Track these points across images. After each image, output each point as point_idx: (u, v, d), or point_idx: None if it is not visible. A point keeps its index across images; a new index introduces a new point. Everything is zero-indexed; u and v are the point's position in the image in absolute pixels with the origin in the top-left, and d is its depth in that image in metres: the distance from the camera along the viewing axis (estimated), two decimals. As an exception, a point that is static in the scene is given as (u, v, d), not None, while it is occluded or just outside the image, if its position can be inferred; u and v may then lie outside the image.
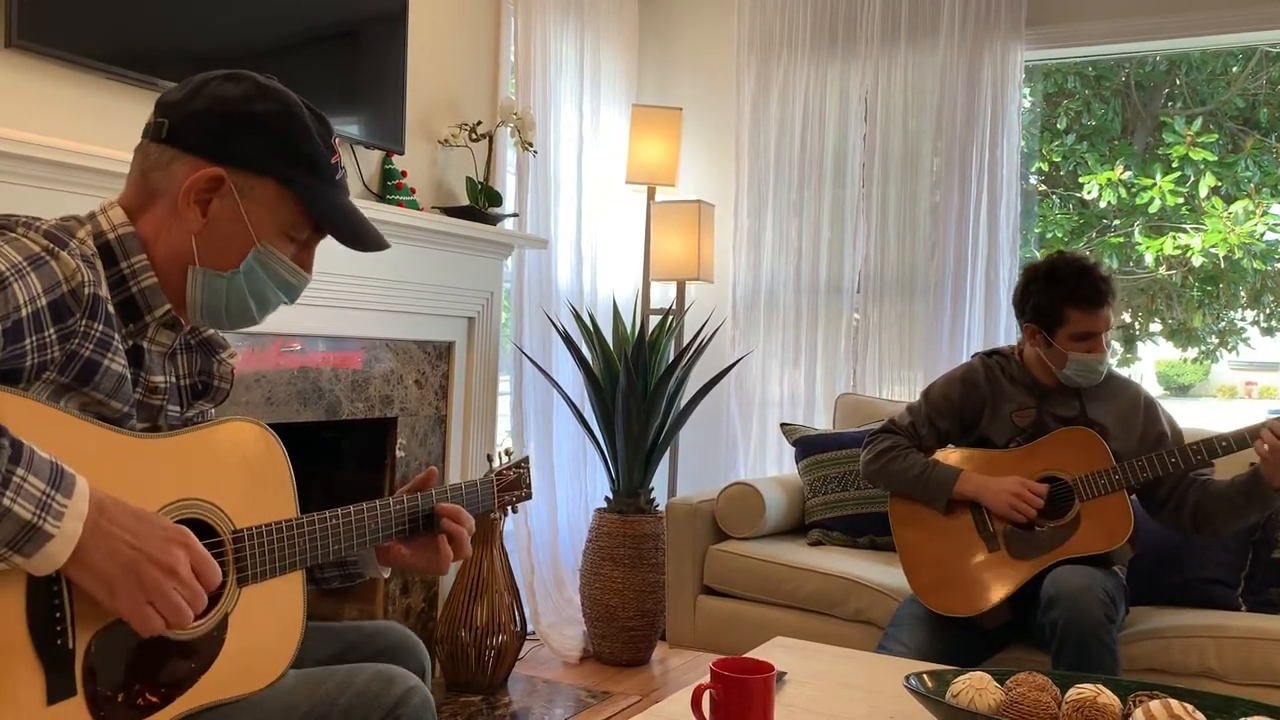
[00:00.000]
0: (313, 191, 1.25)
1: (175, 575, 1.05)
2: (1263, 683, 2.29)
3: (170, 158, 1.20)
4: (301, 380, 2.67)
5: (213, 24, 2.42)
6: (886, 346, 3.79)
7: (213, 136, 1.20)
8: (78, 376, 1.11)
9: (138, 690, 1.11)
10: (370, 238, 1.30)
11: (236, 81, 1.22)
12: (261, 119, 1.21)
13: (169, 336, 1.26)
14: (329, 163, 1.26)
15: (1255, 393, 10.99)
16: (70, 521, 0.98)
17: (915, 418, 2.53)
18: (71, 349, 1.10)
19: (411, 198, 3.05)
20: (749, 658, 1.47)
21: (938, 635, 2.31)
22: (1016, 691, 1.42)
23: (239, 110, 1.21)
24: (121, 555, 1.02)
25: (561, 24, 3.72)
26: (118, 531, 1.02)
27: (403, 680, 1.31)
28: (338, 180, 1.28)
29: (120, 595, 1.02)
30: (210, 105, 1.20)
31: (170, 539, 1.06)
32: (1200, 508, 2.33)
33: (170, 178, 1.20)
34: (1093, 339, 2.34)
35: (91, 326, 1.11)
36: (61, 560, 0.98)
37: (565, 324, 3.66)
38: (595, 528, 3.52)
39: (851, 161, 3.84)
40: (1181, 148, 6.42)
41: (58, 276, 1.08)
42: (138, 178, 1.23)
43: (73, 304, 1.09)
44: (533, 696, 3.10)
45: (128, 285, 1.19)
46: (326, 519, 1.30)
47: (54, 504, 0.96)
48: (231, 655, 1.20)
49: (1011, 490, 2.32)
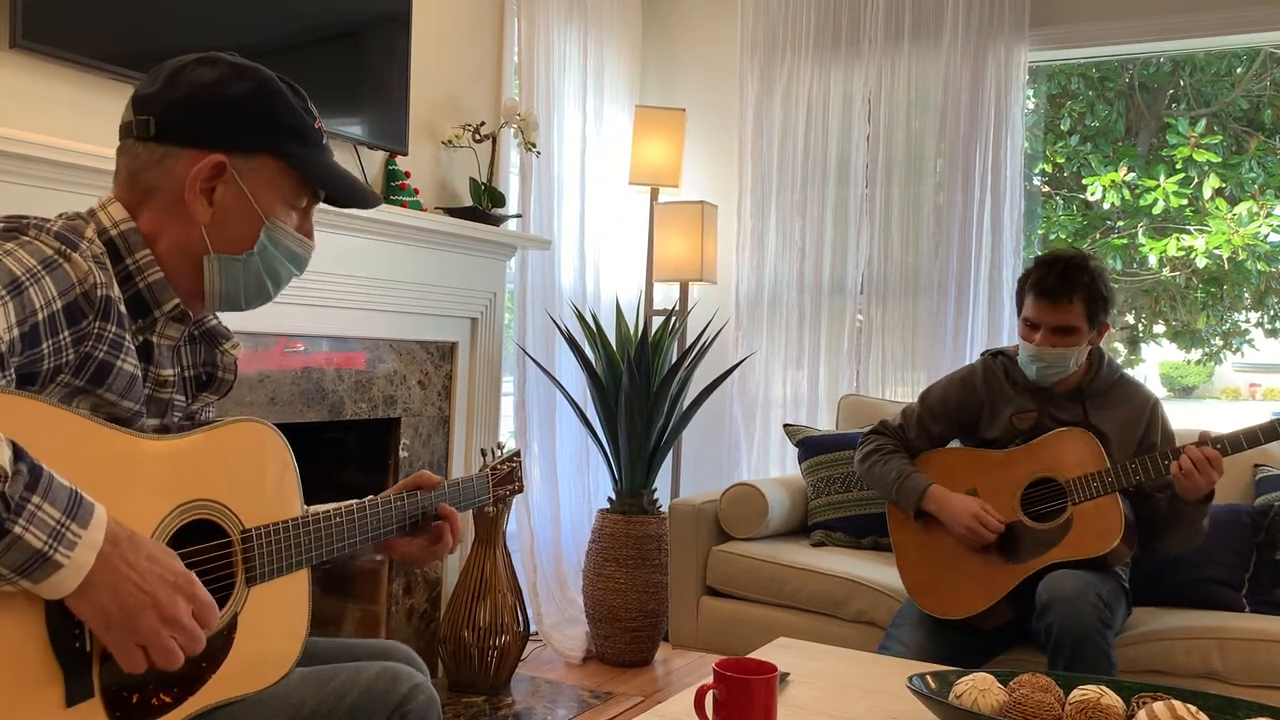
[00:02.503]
0: (306, 159, 1.26)
1: (175, 624, 1.04)
2: (1266, 684, 2.28)
3: (162, 154, 1.20)
4: (305, 380, 2.67)
5: (217, 24, 2.42)
6: (890, 347, 3.78)
7: (202, 126, 1.20)
8: (92, 378, 1.11)
9: (151, 691, 1.11)
10: (365, 195, 1.33)
11: (209, 65, 1.22)
12: (244, 99, 1.21)
13: (177, 330, 1.26)
14: (314, 129, 1.27)
15: (1259, 394, 10.98)
16: (83, 552, 0.97)
17: (906, 420, 2.53)
18: (86, 351, 1.10)
19: (415, 198, 3.05)
20: (751, 658, 1.47)
21: (939, 636, 2.31)
22: (1019, 693, 1.42)
23: (220, 95, 1.20)
24: (125, 596, 1.01)
25: (565, 25, 3.72)
26: (125, 570, 1.01)
27: (408, 678, 1.32)
28: (325, 145, 1.30)
29: (114, 634, 1.02)
30: (190, 94, 1.20)
31: (177, 586, 1.05)
32: (1147, 522, 2.34)
33: (166, 174, 1.20)
34: (1035, 330, 2.30)
35: (105, 328, 1.12)
36: (70, 588, 0.98)
37: (568, 325, 3.66)
38: (598, 528, 3.52)
39: (855, 162, 3.84)
40: (1185, 149, 6.41)
41: (71, 280, 1.08)
42: (127, 178, 1.22)
43: (86, 307, 1.09)
44: (535, 697, 3.10)
45: (134, 281, 1.20)
46: (332, 517, 1.31)
47: (68, 534, 0.96)
48: (240, 655, 1.20)
49: (969, 515, 2.30)
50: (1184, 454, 2.20)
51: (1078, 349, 2.31)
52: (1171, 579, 2.62)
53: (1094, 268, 2.29)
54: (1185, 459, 2.18)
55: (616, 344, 3.59)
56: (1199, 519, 2.28)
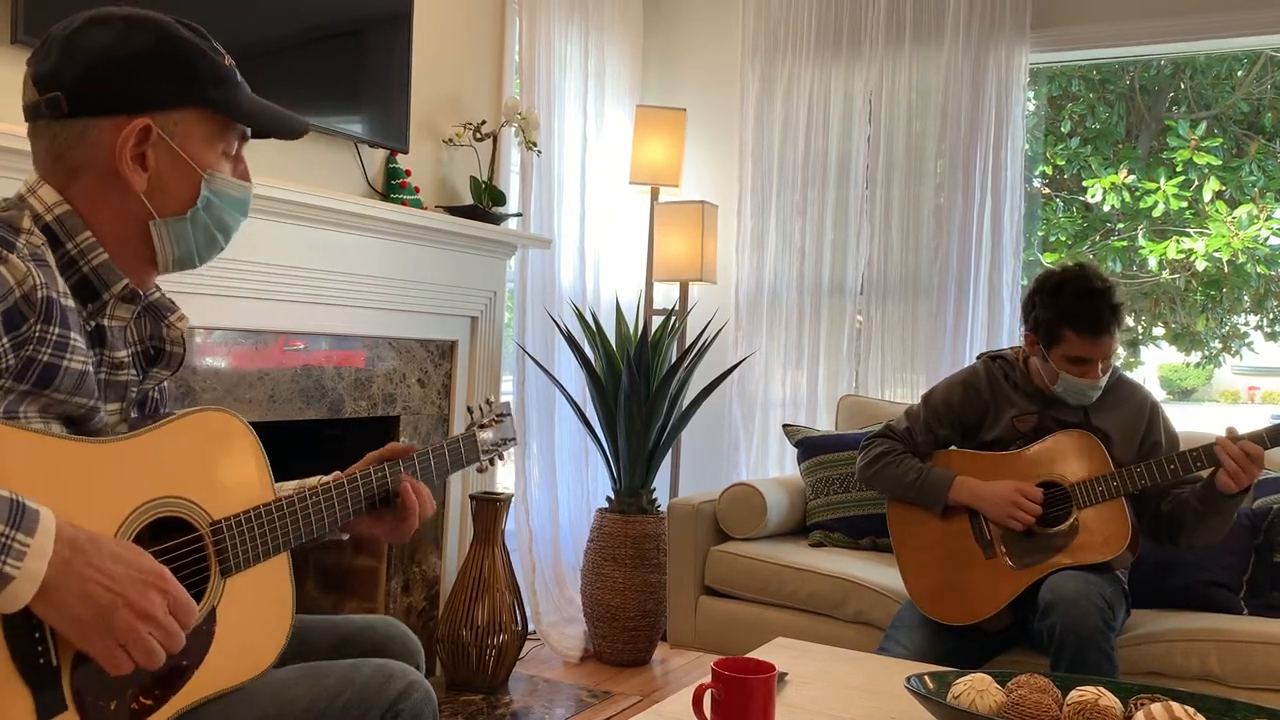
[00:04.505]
0: (228, 101, 1.22)
1: (151, 620, 1.02)
2: (1264, 686, 2.28)
3: (81, 129, 1.15)
4: (304, 378, 2.67)
5: (218, 22, 2.42)
6: (889, 348, 3.78)
7: (115, 92, 1.15)
8: (37, 381, 1.09)
9: (131, 695, 1.09)
10: (292, 123, 1.29)
11: (103, 24, 1.16)
12: (150, 55, 1.17)
13: (127, 310, 1.23)
14: (225, 66, 1.23)
15: (1258, 397, 10.99)
16: (32, 561, 0.95)
17: (913, 423, 2.51)
18: (28, 355, 1.07)
19: (415, 197, 3.05)
20: (750, 658, 1.47)
21: (938, 637, 2.30)
22: (1018, 694, 1.42)
23: (123, 54, 1.16)
24: (94, 598, 0.99)
25: (566, 24, 3.72)
26: (91, 573, 0.99)
27: (403, 675, 1.30)
28: (240, 81, 1.25)
29: (92, 638, 1.00)
30: (93, 61, 1.15)
31: (147, 582, 1.03)
32: (1171, 518, 2.33)
33: (91, 148, 1.15)
34: (1087, 365, 2.28)
35: (47, 330, 1.08)
36: (26, 599, 0.95)
37: (568, 324, 3.66)
38: (597, 527, 3.52)
39: (855, 163, 3.84)
40: (1186, 151, 6.42)
41: (9, 283, 1.05)
42: (50, 160, 1.17)
43: (26, 309, 1.06)
44: (533, 696, 3.10)
45: (78, 265, 1.16)
46: (308, 497, 1.29)
47: (14, 544, 0.93)
48: (223, 647, 1.19)
49: (1008, 497, 2.28)
50: (1222, 450, 2.15)
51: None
52: (1170, 581, 2.62)
53: (1113, 285, 2.29)
54: (1228, 458, 2.14)
55: (616, 343, 3.59)
56: (1236, 509, 2.25)
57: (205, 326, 2.38)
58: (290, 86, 2.64)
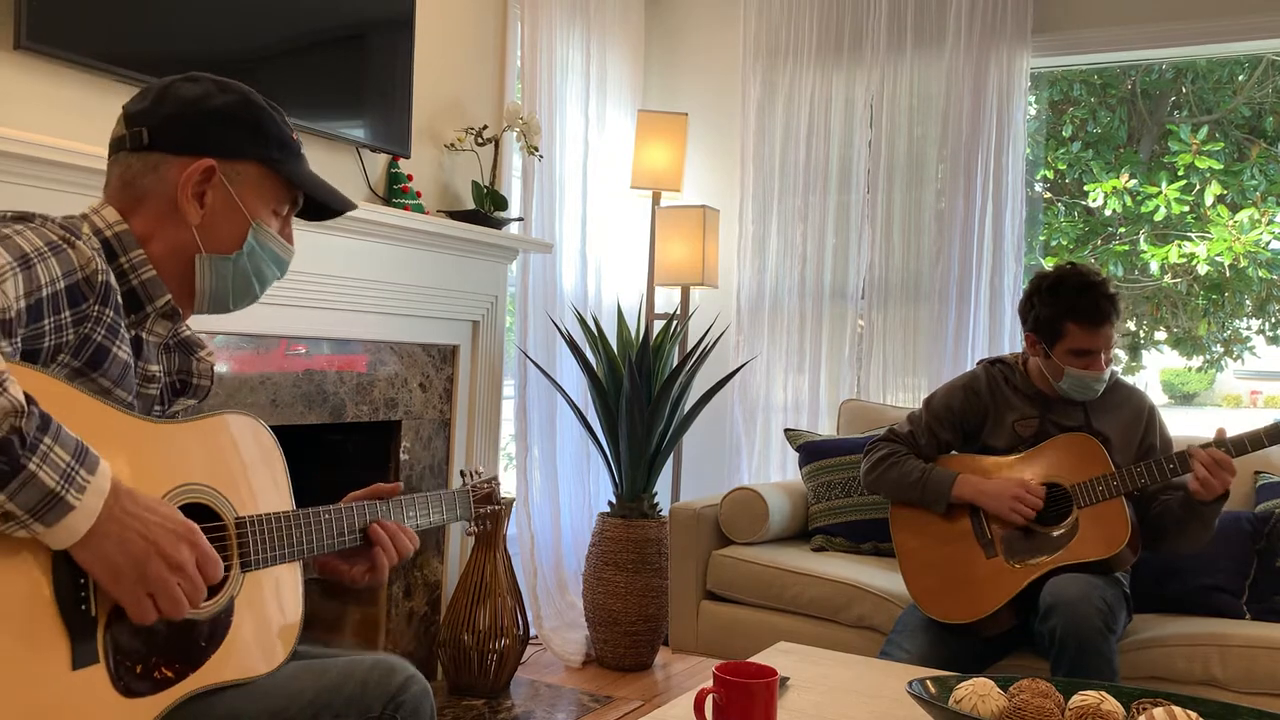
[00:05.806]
0: (289, 166, 1.33)
1: (181, 571, 1.09)
2: (1266, 691, 2.28)
3: (155, 162, 1.26)
4: (306, 383, 2.67)
5: (220, 27, 2.43)
6: (890, 353, 3.78)
7: (192, 133, 1.27)
8: (89, 361, 1.16)
9: (155, 663, 1.14)
10: (340, 200, 1.41)
11: (195, 82, 1.30)
12: (229, 110, 1.29)
13: (165, 327, 1.31)
14: (293, 139, 1.35)
15: (1260, 401, 10.97)
16: (91, 497, 1.01)
17: (915, 427, 2.53)
18: (85, 333, 1.14)
19: (417, 201, 3.06)
20: (752, 662, 1.47)
21: (940, 642, 2.31)
22: (1019, 698, 1.42)
23: (208, 106, 1.28)
24: (131, 545, 1.05)
25: (567, 29, 3.73)
26: (130, 521, 1.06)
27: (402, 669, 1.36)
28: (303, 154, 1.37)
29: (124, 584, 1.06)
30: (180, 107, 1.27)
31: (180, 535, 1.10)
32: (1155, 525, 2.35)
33: (159, 180, 1.26)
34: (1090, 356, 2.32)
35: (104, 312, 1.16)
36: (80, 533, 1.01)
37: (570, 328, 3.67)
38: (598, 532, 3.52)
39: (856, 167, 3.85)
40: (1187, 156, 6.42)
41: (74, 263, 1.13)
42: (119, 186, 1.27)
43: (87, 289, 1.14)
44: (535, 700, 3.10)
45: (128, 278, 1.25)
46: (321, 514, 1.35)
47: (78, 477, 1.00)
48: (237, 638, 1.23)
49: (1010, 493, 2.31)
50: (1193, 458, 2.20)
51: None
52: (1172, 586, 2.62)
53: (1107, 279, 2.35)
54: (1198, 464, 2.19)
55: (618, 348, 3.60)
56: (1213, 517, 2.28)
57: (207, 331, 2.38)
58: (293, 91, 2.65)
